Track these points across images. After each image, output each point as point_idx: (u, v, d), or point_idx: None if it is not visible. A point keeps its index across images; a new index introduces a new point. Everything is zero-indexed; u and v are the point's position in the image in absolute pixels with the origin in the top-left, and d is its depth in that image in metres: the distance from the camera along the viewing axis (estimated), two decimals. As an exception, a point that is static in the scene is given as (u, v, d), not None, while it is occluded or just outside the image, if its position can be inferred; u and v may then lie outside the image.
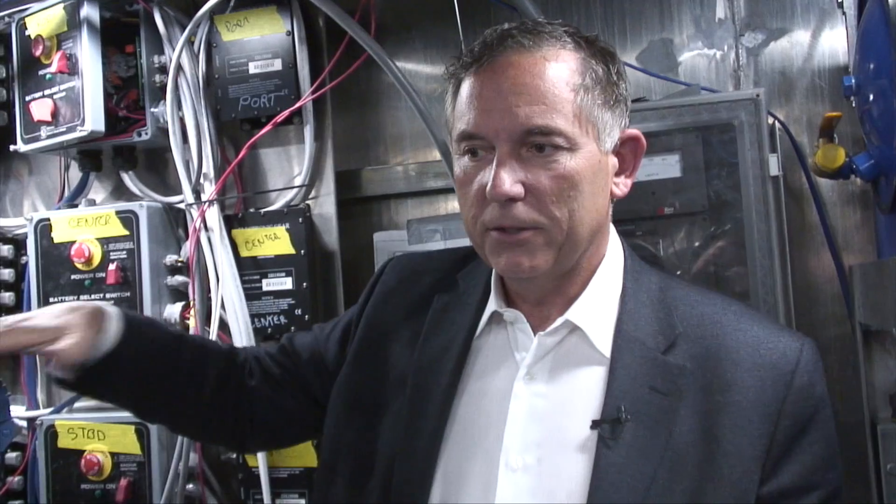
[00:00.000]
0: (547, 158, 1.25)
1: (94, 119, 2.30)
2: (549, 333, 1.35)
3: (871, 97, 1.83)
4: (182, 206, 2.39)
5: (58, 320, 1.42)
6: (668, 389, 1.28)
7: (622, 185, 1.38)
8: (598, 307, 1.36)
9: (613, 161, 1.35)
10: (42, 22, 2.39)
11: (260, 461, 2.26)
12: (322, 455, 1.54)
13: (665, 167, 2.01)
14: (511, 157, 1.25)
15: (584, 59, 1.29)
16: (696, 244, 1.99)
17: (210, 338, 2.27)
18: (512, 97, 1.24)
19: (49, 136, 2.37)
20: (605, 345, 1.33)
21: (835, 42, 2.26)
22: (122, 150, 2.46)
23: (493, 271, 1.43)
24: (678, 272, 2.00)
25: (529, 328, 1.37)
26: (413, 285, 1.56)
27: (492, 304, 1.41)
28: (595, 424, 1.27)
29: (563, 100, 1.25)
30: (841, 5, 2.12)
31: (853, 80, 1.92)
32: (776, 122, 2.18)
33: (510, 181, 1.23)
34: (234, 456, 2.33)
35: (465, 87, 1.31)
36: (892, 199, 1.79)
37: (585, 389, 1.31)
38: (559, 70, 1.26)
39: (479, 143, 1.27)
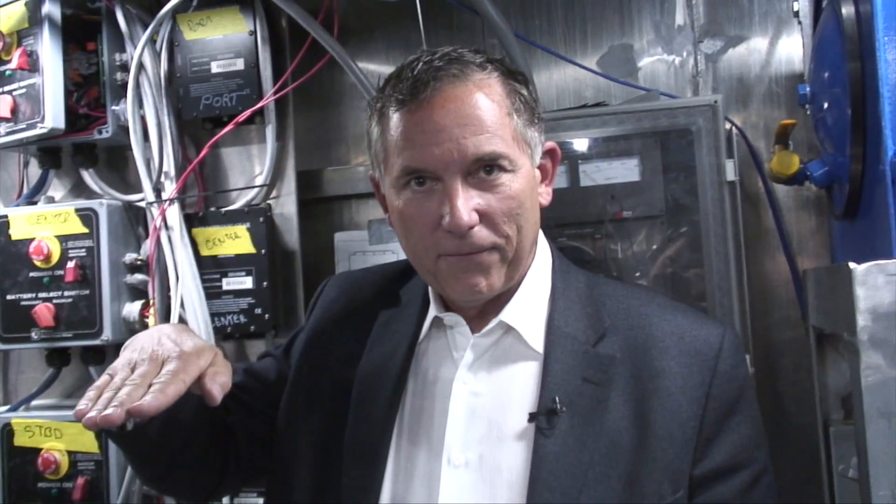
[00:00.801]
0: (494, 182, 1.31)
1: (54, 116, 2.28)
2: (484, 335, 1.40)
3: (825, 105, 1.86)
4: (142, 204, 2.37)
5: (199, 340, 1.36)
6: (599, 379, 1.34)
7: (545, 195, 1.46)
8: (529, 307, 1.41)
9: (537, 173, 1.42)
10: (3, 18, 2.37)
11: (219, 460, 2.24)
12: (273, 459, 1.53)
13: (624, 171, 2.04)
14: (462, 185, 1.29)
15: (508, 83, 1.36)
16: (654, 247, 2.01)
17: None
18: (457, 129, 1.28)
19: (8, 133, 2.34)
20: (538, 342, 1.39)
21: (792, 50, 2.30)
22: (83, 148, 2.44)
23: None
24: (637, 274, 2.02)
25: (468, 330, 1.41)
26: (353, 297, 1.60)
27: (432, 311, 1.46)
28: (532, 417, 1.32)
29: (502, 125, 1.32)
30: (797, 14, 2.14)
31: (808, 89, 1.95)
32: (733, 127, 2.21)
33: (467, 211, 1.28)
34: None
35: (399, 121, 1.33)
36: (844, 206, 1.82)
37: (521, 385, 1.37)
38: (492, 97, 1.32)
39: (426, 174, 1.31)
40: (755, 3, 2.33)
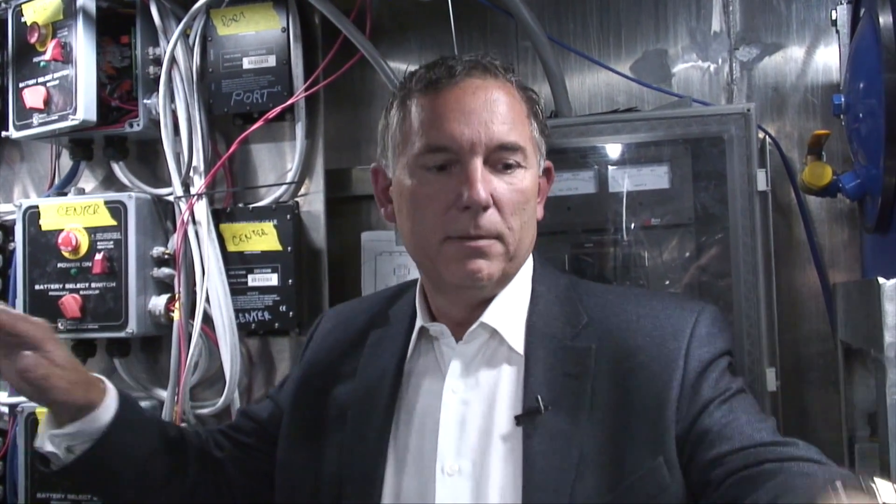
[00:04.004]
0: (508, 174, 1.37)
1: (86, 108, 2.30)
2: (468, 340, 1.42)
3: (860, 116, 1.83)
4: (171, 198, 2.38)
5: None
6: (578, 371, 1.36)
7: (539, 210, 1.49)
8: (510, 309, 1.43)
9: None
10: (38, 9, 2.39)
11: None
12: (276, 491, 1.56)
13: (654, 178, 2.02)
14: (483, 168, 1.34)
15: (527, 92, 1.44)
16: (685, 255, 1.99)
17: (193, 335, 2.28)
18: (486, 114, 1.35)
19: (41, 124, 2.36)
20: (519, 343, 1.40)
21: (829, 59, 2.26)
22: (114, 141, 2.45)
23: (417, 292, 1.51)
24: (666, 282, 2.00)
25: (454, 341, 1.44)
26: (348, 327, 1.63)
27: (418, 322, 1.49)
28: (518, 420, 1.33)
29: (523, 123, 1.40)
30: (835, 23, 2.11)
31: (842, 99, 1.92)
32: (767, 136, 2.18)
33: (485, 191, 1.32)
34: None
35: (428, 103, 1.38)
36: (876, 219, 1.79)
37: (507, 388, 1.39)
38: (517, 97, 1.41)
39: (448, 156, 1.35)
40: (793, 11, 2.29)
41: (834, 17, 2.12)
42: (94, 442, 1.42)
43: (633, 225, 2.01)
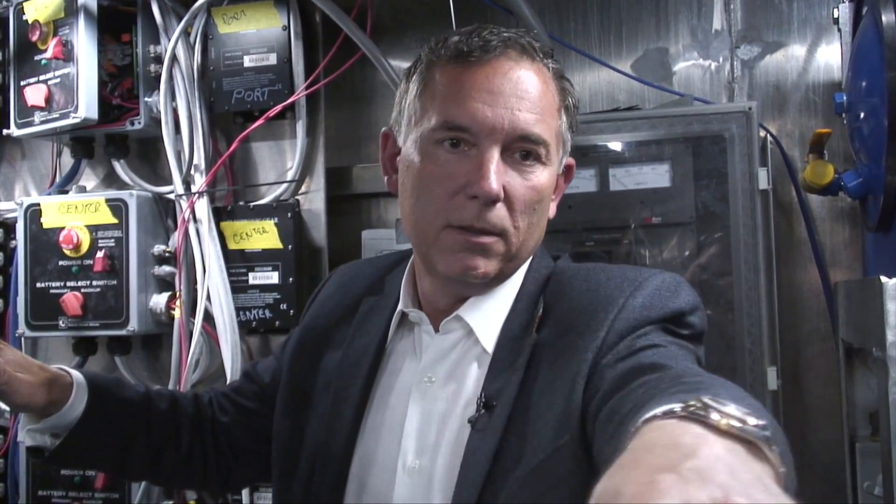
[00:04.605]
0: (526, 168, 1.27)
1: (87, 106, 2.29)
2: (444, 332, 1.36)
3: (862, 115, 1.83)
4: (172, 196, 2.38)
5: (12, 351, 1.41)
6: (520, 364, 1.26)
7: (552, 208, 1.39)
8: (491, 307, 1.35)
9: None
10: (40, 7, 2.39)
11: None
12: (273, 455, 1.54)
13: (655, 176, 2.02)
14: (499, 157, 1.25)
15: (563, 83, 1.34)
16: (686, 254, 1.99)
17: (194, 332, 2.28)
18: (514, 99, 1.24)
19: (42, 122, 2.36)
20: (490, 344, 1.32)
21: (830, 58, 2.26)
22: (115, 139, 2.45)
23: (406, 272, 1.44)
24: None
25: (432, 329, 1.37)
26: (348, 291, 1.56)
27: (400, 305, 1.42)
28: (470, 420, 1.26)
29: (552, 116, 1.29)
30: (837, 21, 2.11)
31: (844, 98, 1.92)
32: (768, 135, 2.18)
33: (497, 183, 1.23)
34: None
35: (454, 75, 1.28)
36: (878, 218, 1.79)
37: (472, 389, 1.31)
38: (551, 87, 1.30)
39: (465, 136, 1.25)
40: (794, 9, 2.29)
41: (836, 16, 2.12)
42: (70, 431, 1.43)
43: (633, 223, 2.01)
